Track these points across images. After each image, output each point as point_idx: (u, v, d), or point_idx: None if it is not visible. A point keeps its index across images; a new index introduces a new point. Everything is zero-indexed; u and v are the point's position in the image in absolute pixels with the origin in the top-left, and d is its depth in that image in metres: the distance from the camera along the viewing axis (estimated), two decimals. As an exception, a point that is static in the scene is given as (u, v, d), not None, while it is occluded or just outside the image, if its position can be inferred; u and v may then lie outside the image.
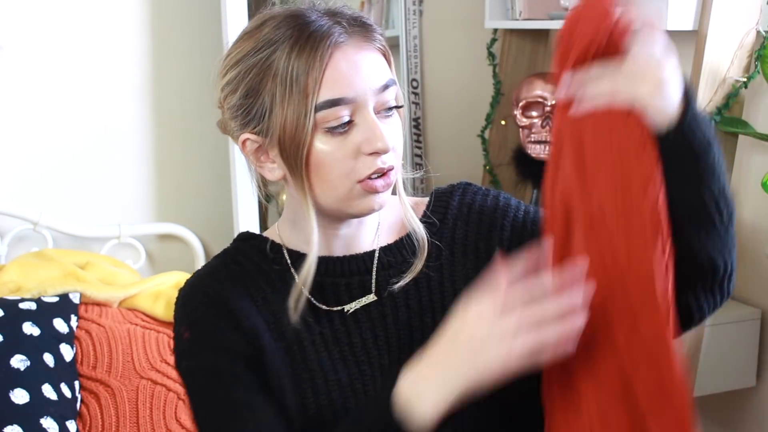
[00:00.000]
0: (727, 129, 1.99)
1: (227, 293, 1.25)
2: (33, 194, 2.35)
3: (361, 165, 1.18)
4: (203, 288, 1.27)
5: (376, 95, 1.19)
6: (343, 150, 1.18)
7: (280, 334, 1.24)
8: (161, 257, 2.51)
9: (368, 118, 1.18)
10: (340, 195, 1.21)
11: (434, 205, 1.35)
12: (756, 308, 2.18)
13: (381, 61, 1.21)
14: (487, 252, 1.31)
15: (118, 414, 1.91)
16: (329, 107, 1.17)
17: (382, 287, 1.28)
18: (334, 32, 1.18)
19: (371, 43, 1.21)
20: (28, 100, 2.33)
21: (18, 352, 1.86)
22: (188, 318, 1.26)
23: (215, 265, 1.32)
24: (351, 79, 1.17)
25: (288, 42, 1.18)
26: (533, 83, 2.39)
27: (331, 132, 1.18)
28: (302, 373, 1.22)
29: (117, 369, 1.96)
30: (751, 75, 1.99)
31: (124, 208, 2.45)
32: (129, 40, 2.41)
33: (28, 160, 2.35)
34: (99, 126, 2.40)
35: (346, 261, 1.29)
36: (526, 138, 2.38)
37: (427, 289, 1.29)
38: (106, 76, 2.40)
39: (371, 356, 1.25)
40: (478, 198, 1.35)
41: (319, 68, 1.16)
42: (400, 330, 1.26)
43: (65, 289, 2.06)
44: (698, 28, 2.01)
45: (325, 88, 1.17)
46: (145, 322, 2.09)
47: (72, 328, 2.00)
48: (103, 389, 1.94)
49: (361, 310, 1.27)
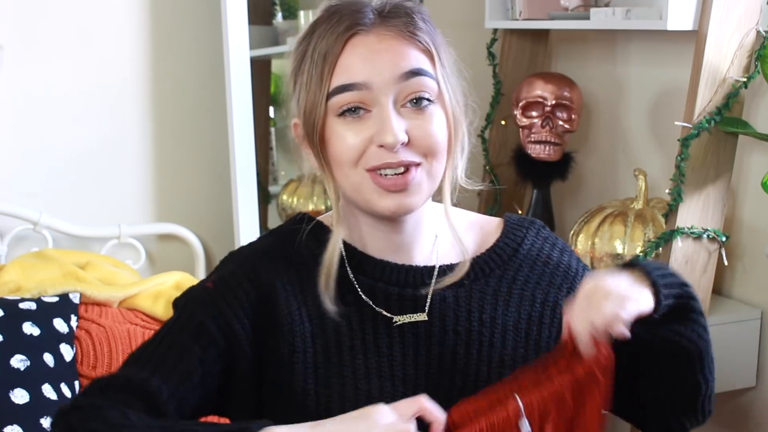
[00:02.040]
0: (727, 129, 1.99)
1: (274, 278, 1.23)
2: (33, 194, 2.35)
3: (370, 154, 1.17)
4: (255, 264, 1.24)
5: (396, 84, 1.16)
6: (356, 137, 1.16)
7: (321, 329, 1.21)
8: (161, 257, 2.51)
9: (383, 109, 1.16)
10: (354, 184, 1.19)
11: (507, 237, 1.33)
12: (756, 308, 2.17)
13: (409, 51, 1.18)
14: (542, 305, 1.30)
15: None
16: (340, 93, 1.16)
17: (435, 307, 1.25)
18: (359, 19, 1.17)
19: (401, 32, 1.18)
20: (28, 99, 2.34)
21: (18, 352, 1.86)
22: (222, 277, 1.23)
23: (272, 243, 1.28)
24: (365, 65, 1.16)
25: (319, 29, 1.19)
26: (533, 83, 2.39)
27: (343, 118, 1.17)
28: (333, 377, 1.20)
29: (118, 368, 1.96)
30: (751, 75, 1.99)
31: (124, 208, 2.45)
32: (129, 39, 2.41)
33: (28, 160, 2.35)
34: (99, 126, 2.40)
35: (404, 270, 1.26)
36: (526, 138, 2.39)
37: (478, 320, 1.26)
38: (106, 76, 2.40)
39: (407, 374, 1.22)
40: (547, 246, 1.34)
41: (336, 53, 1.16)
42: (444, 354, 1.24)
43: (65, 289, 2.06)
44: (698, 28, 2.01)
45: (338, 74, 1.16)
46: (145, 322, 2.09)
47: (72, 328, 2.00)
48: None
49: (408, 325, 1.24)
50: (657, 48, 2.38)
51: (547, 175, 2.44)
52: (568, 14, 2.41)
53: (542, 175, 2.44)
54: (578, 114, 2.39)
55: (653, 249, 2.07)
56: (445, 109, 1.21)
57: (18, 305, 1.96)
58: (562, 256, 1.34)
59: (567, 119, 2.37)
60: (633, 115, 2.49)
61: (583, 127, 2.59)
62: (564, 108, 2.37)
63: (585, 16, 2.29)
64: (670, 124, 2.15)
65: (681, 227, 2.03)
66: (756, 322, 2.16)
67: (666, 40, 2.31)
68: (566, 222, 2.63)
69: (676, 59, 2.29)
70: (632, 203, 2.25)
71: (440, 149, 1.20)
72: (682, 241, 2.03)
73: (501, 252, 1.32)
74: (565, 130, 2.38)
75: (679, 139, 2.01)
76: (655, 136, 2.42)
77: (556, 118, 2.36)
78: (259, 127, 2.49)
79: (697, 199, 2.04)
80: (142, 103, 2.43)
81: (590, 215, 2.27)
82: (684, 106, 2.04)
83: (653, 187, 2.31)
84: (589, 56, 2.63)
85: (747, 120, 2.04)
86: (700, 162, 2.02)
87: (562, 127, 2.37)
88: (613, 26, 2.23)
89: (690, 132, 2.00)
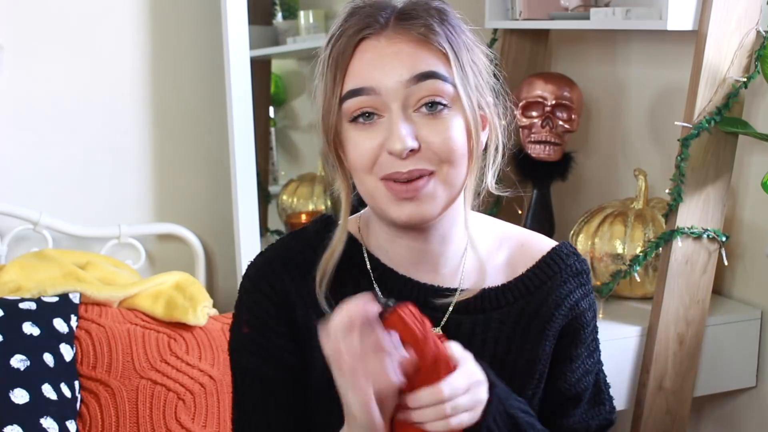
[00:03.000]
0: (727, 129, 2.00)
1: (292, 288, 1.24)
2: (33, 194, 2.36)
3: (382, 162, 1.15)
4: (271, 277, 1.25)
5: (405, 88, 1.14)
6: (368, 143, 1.15)
7: None
8: (161, 257, 2.51)
9: (392, 114, 1.14)
10: (369, 191, 1.18)
11: (545, 265, 1.31)
12: (756, 308, 2.18)
13: (420, 54, 1.15)
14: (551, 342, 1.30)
15: (118, 414, 1.92)
16: (350, 97, 1.15)
17: (450, 332, 1.24)
18: (371, 23, 1.16)
19: (414, 35, 1.15)
20: (28, 99, 2.34)
21: (18, 352, 1.86)
22: (250, 311, 1.26)
23: (290, 246, 1.28)
24: (373, 69, 1.14)
25: (337, 31, 1.18)
26: (533, 83, 2.40)
27: (355, 123, 1.16)
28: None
29: (117, 369, 1.97)
30: (751, 75, 1.99)
31: (124, 208, 2.45)
32: (129, 39, 2.41)
33: (28, 160, 2.35)
34: (99, 126, 2.40)
35: (423, 290, 1.25)
36: (526, 138, 2.39)
37: (492, 346, 1.25)
38: (106, 76, 2.40)
39: None
40: (579, 293, 1.32)
41: (347, 58, 1.15)
42: None
43: (65, 288, 2.06)
44: (698, 28, 2.01)
45: (349, 79, 1.15)
46: (145, 322, 2.09)
47: (72, 328, 2.00)
48: (103, 389, 1.94)
49: None
50: (657, 48, 2.38)
51: (547, 175, 2.44)
52: (568, 14, 2.41)
53: (542, 176, 2.44)
54: (578, 114, 2.39)
55: (653, 249, 2.08)
56: (464, 114, 1.17)
57: (18, 305, 1.96)
58: (588, 310, 1.34)
59: (567, 119, 2.37)
60: (633, 115, 2.50)
61: (583, 127, 2.60)
62: (564, 108, 2.37)
63: (585, 16, 2.30)
64: (670, 124, 2.16)
65: (681, 227, 2.03)
66: (756, 322, 2.17)
67: (666, 41, 2.32)
68: (567, 222, 2.63)
69: (677, 59, 2.29)
70: (632, 203, 2.26)
71: (457, 156, 1.16)
72: (682, 241, 2.04)
73: (533, 279, 1.30)
74: (565, 130, 2.38)
75: (679, 139, 2.02)
76: (656, 136, 2.42)
77: (556, 118, 2.36)
78: (259, 127, 2.49)
79: (697, 199, 2.05)
80: (142, 102, 2.43)
81: (590, 215, 2.28)
82: (684, 106, 2.04)
83: (653, 186, 2.32)
84: (589, 56, 2.63)
85: (747, 120, 2.04)
86: (700, 162, 2.03)
87: (562, 127, 2.37)
88: (613, 26, 2.23)
89: (690, 132, 2.00)
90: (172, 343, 2.04)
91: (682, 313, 2.08)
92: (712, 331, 2.14)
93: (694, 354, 2.12)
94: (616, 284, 2.17)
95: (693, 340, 2.11)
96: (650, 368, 2.08)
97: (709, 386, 2.20)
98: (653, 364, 2.07)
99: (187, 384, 1.99)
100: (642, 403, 2.10)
